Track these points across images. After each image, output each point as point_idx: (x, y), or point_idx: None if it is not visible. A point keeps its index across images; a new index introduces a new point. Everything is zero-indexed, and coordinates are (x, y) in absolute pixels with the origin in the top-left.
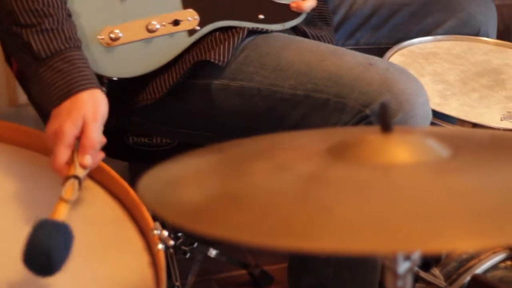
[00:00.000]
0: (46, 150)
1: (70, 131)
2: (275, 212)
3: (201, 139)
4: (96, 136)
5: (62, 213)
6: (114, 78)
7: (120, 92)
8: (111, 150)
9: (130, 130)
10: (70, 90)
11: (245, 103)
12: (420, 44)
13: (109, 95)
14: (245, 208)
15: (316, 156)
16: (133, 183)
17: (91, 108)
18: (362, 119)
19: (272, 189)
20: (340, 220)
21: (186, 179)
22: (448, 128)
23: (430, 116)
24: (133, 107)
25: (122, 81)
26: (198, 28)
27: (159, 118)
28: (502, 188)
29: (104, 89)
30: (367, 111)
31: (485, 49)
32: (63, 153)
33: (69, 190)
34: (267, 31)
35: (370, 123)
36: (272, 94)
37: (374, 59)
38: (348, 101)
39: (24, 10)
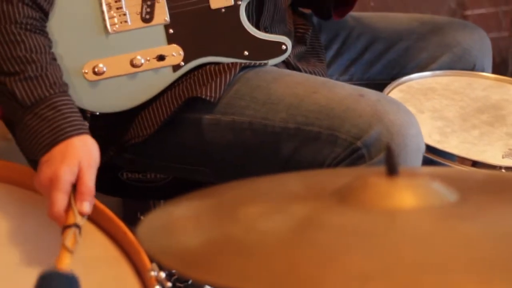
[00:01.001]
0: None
1: (66, 177)
2: (278, 259)
3: (194, 174)
4: (93, 182)
5: (66, 263)
6: (96, 113)
7: (112, 129)
8: (105, 186)
9: (123, 167)
10: (56, 137)
11: (237, 137)
12: (419, 79)
13: (99, 132)
14: (247, 255)
15: (319, 199)
16: (127, 219)
17: (86, 154)
18: (353, 152)
19: (273, 234)
20: (347, 270)
21: (185, 223)
22: (454, 169)
23: (422, 148)
24: (126, 144)
25: (111, 119)
26: (182, 63)
27: (152, 154)
28: (510, 235)
29: (87, 123)
30: (359, 144)
31: (484, 85)
32: (61, 200)
33: (72, 239)
34: (260, 65)
35: (361, 156)
36: (264, 127)
37: (365, 90)
38: (339, 133)
39: (7, 57)
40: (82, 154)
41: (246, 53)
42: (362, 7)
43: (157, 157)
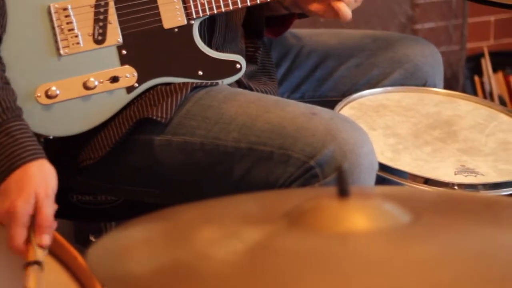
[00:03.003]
0: None
1: (23, 210)
2: (230, 287)
3: (146, 196)
4: (51, 213)
5: None
6: (50, 137)
7: (63, 152)
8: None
9: (74, 189)
10: (11, 164)
11: (189, 158)
12: (370, 96)
13: (50, 155)
14: (199, 283)
15: (271, 222)
16: (79, 241)
17: (42, 182)
18: (307, 171)
19: (225, 261)
20: None
21: (136, 248)
22: (406, 188)
23: (376, 166)
24: (76, 166)
25: (63, 141)
26: (136, 85)
27: (103, 176)
28: (465, 256)
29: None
30: (312, 163)
31: (436, 100)
32: (20, 234)
33: (33, 279)
34: (211, 84)
35: (315, 175)
36: (216, 147)
37: (317, 108)
38: (292, 152)
39: None
40: (38, 183)
41: (200, 72)
42: (312, 23)
43: (108, 179)
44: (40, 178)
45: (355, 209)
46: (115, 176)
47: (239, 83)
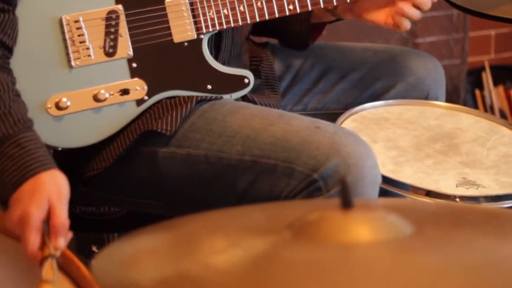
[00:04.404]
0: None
1: (37, 214)
2: None
3: (149, 207)
4: (65, 215)
5: None
6: (59, 148)
7: (65, 162)
8: None
9: (77, 200)
10: (23, 175)
11: (192, 171)
12: (371, 109)
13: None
14: None
15: (276, 233)
16: (81, 252)
17: (54, 188)
18: (310, 184)
19: (230, 271)
20: None
21: (141, 259)
22: (409, 200)
23: (379, 179)
24: (80, 177)
25: (66, 152)
26: (146, 98)
27: (107, 188)
28: (467, 268)
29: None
30: (315, 176)
31: (437, 113)
32: (34, 239)
33: (49, 270)
34: (215, 98)
35: (318, 188)
36: (219, 160)
37: (321, 122)
38: (296, 166)
39: None
40: (51, 189)
41: (209, 86)
42: None
43: (111, 190)
44: (53, 184)
45: (358, 220)
46: (118, 188)
47: (243, 97)
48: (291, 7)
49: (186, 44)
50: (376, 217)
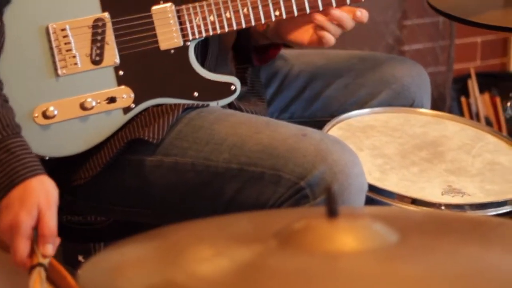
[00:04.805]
0: None
1: (26, 222)
2: None
3: (136, 216)
4: (54, 223)
5: None
6: (45, 158)
7: (52, 171)
8: None
9: (63, 209)
10: (12, 180)
11: (180, 178)
12: (357, 116)
13: None
14: None
15: (262, 242)
16: (67, 262)
17: (44, 194)
18: (297, 192)
19: (214, 279)
20: None
21: (127, 268)
22: (394, 208)
23: (365, 187)
24: (67, 186)
25: (53, 160)
26: (133, 105)
27: (94, 196)
28: (452, 276)
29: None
30: (302, 183)
31: (422, 121)
32: (23, 247)
33: (37, 280)
34: (202, 106)
35: (305, 196)
36: (206, 168)
37: (308, 130)
38: (283, 173)
39: None
40: (40, 195)
41: (196, 94)
42: None
43: (98, 199)
44: (42, 191)
45: (344, 229)
46: (106, 196)
47: (229, 104)
48: (277, 13)
49: (172, 51)
50: (362, 226)
